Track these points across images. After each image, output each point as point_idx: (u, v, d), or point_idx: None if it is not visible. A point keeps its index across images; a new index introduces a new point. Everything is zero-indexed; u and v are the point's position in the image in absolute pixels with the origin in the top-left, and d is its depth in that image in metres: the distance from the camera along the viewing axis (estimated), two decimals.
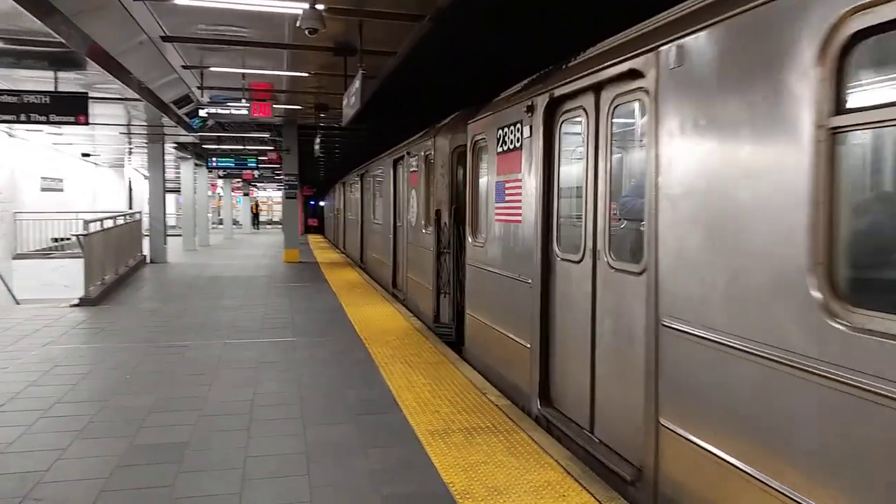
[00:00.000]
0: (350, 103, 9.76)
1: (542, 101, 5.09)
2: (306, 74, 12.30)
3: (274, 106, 14.14)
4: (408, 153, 10.69)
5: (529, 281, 5.29)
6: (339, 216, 25.69)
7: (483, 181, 6.78)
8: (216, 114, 12.97)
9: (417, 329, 8.94)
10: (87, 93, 10.86)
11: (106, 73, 9.60)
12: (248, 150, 23.31)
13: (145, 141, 19.32)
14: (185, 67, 11.61)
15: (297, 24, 7.01)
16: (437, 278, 8.73)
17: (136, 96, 11.59)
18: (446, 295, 8.45)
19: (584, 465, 4.32)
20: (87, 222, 11.61)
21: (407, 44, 9.27)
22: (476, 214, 6.95)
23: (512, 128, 5.66)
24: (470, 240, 6.99)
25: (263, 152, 23.82)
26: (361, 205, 17.61)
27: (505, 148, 5.85)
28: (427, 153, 9.21)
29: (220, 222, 37.95)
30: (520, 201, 5.50)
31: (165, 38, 9.65)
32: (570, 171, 5.03)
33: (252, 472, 4.27)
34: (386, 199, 12.91)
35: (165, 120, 15.05)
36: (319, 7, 6.99)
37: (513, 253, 5.75)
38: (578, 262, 4.63)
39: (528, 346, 5.35)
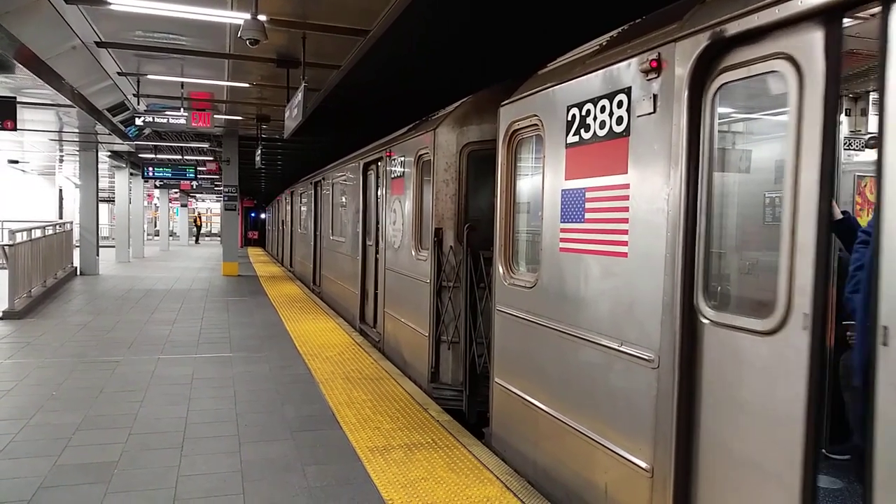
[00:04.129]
0: (292, 115, 9.67)
1: (684, 52, 3.08)
2: (248, 85, 12.12)
3: (214, 116, 13.88)
4: (388, 155, 8.60)
5: (647, 356, 3.26)
6: (285, 229, 24.45)
7: (528, 189, 4.92)
8: (153, 122, 12.62)
9: (359, 344, 8.86)
10: (15, 97, 10.44)
11: (36, 77, 9.25)
12: (187, 160, 22.78)
13: (78, 148, 18.67)
14: (120, 74, 11.29)
15: (239, 35, 6.90)
16: (437, 322, 6.62)
17: (69, 102, 11.19)
18: (451, 346, 6.54)
19: (524, 481, 4.35)
20: (12, 232, 11.14)
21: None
22: (513, 239, 4.99)
23: (602, 103, 3.70)
24: (503, 276, 4.92)
25: (202, 162, 23.32)
26: (316, 218, 15.63)
27: (585, 136, 3.86)
28: (422, 153, 7.11)
29: (157, 234, 36.94)
30: (623, 220, 3.48)
31: (100, 44, 9.36)
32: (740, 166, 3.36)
33: (184, 492, 4.14)
34: (353, 213, 10.90)
35: (99, 127, 14.58)
36: (262, 18, 6.91)
37: (604, 304, 3.67)
38: (769, 332, 2.64)
39: (647, 466, 3.27)
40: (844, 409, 3.96)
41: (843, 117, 4.28)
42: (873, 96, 4.23)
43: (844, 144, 4.28)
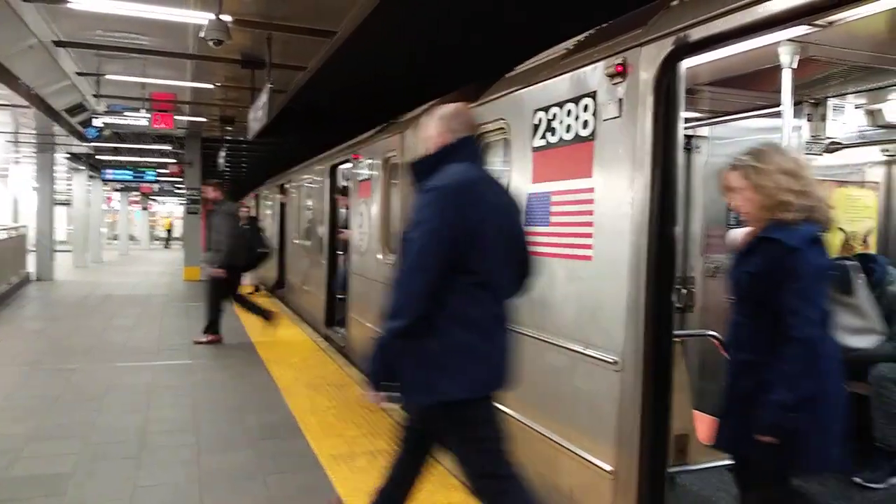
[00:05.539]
0: (257, 117, 9.54)
1: (649, 57, 3.11)
2: (211, 86, 11.95)
3: (176, 117, 13.64)
4: (355, 157, 8.63)
5: (614, 360, 3.26)
6: None
7: None
8: (113, 124, 12.35)
9: (323, 349, 8.76)
10: None
11: None
12: (148, 162, 22.35)
13: (34, 150, 18.17)
14: (79, 74, 11.03)
15: (202, 35, 6.78)
16: None
17: (25, 103, 10.90)
18: None
19: None
20: None
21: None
22: None
23: (569, 107, 3.68)
24: None
25: (164, 165, 22.90)
26: (281, 221, 15.41)
27: (552, 140, 3.84)
28: (389, 155, 7.17)
29: (116, 237, 36.14)
30: (588, 224, 3.49)
31: (59, 43, 9.13)
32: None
33: (140, 503, 4.01)
34: (319, 216, 10.74)
35: (57, 129, 14.23)
36: (225, 18, 6.80)
37: (570, 310, 3.66)
38: None
39: (610, 469, 3.32)
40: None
41: (804, 122, 4.34)
42: (832, 102, 4.32)
43: (805, 150, 4.33)
